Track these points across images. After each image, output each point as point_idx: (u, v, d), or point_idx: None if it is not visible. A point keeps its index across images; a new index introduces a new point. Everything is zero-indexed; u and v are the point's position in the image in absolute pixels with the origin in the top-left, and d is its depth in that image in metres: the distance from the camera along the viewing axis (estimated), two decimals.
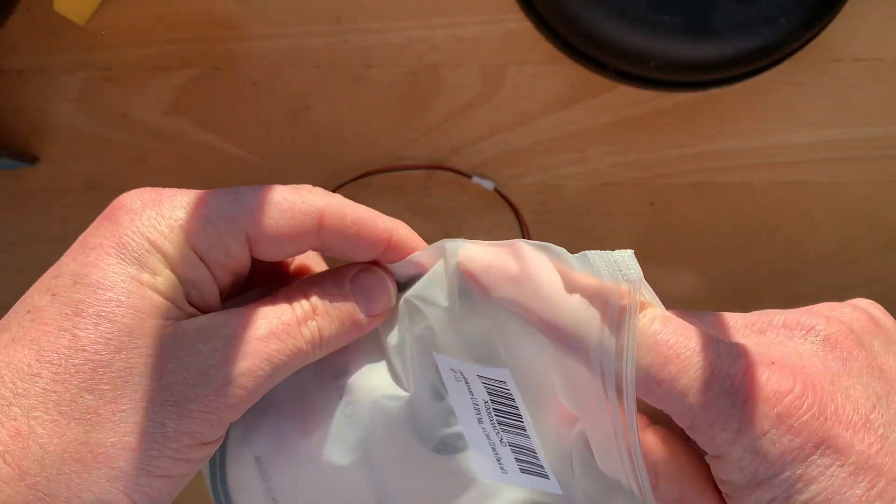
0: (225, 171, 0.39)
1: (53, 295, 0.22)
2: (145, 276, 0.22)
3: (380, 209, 0.39)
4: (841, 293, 0.39)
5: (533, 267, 0.22)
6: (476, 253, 0.23)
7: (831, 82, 0.38)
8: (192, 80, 0.38)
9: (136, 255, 0.22)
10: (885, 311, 0.25)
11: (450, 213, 0.39)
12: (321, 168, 0.39)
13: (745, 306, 0.39)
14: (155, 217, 0.23)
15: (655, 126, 0.38)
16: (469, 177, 0.38)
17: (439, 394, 0.25)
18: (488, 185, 0.38)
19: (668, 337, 0.21)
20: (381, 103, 0.38)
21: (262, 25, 0.38)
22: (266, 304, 0.24)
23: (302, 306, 0.24)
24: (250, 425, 0.25)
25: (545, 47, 0.38)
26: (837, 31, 0.37)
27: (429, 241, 0.39)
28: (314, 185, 0.39)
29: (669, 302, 0.36)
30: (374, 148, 0.39)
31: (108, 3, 0.38)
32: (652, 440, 0.23)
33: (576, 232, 0.39)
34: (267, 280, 0.27)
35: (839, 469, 0.20)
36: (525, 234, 0.39)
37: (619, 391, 0.21)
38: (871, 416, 0.20)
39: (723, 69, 0.35)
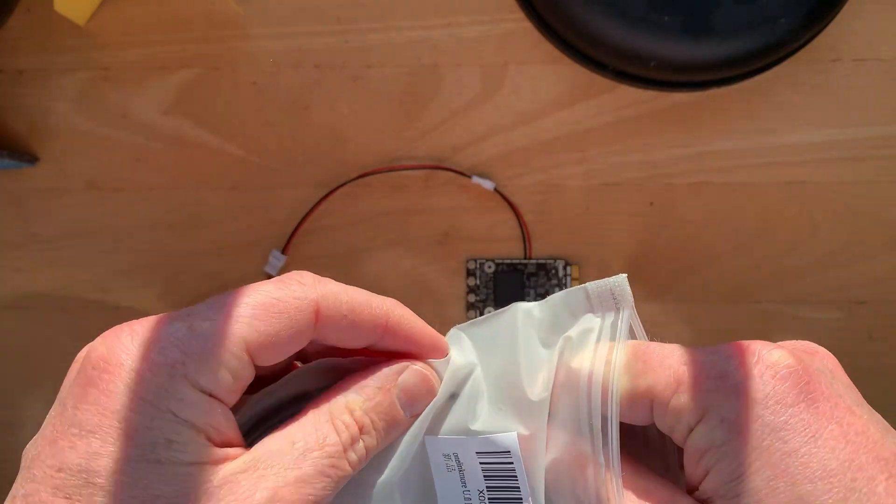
0: (225, 171, 0.39)
1: (68, 498, 0.19)
2: (164, 454, 0.19)
3: (380, 209, 0.39)
4: (841, 293, 0.39)
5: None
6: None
7: (831, 82, 0.38)
8: (192, 80, 0.38)
9: (149, 439, 0.19)
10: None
11: (450, 213, 0.39)
12: (321, 168, 0.39)
13: (745, 306, 0.39)
14: (151, 377, 0.20)
15: (655, 126, 0.38)
16: (469, 177, 0.38)
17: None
18: (488, 185, 0.38)
19: (648, 346, 0.22)
20: (381, 103, 0.38)
21: (262, 25, 0.38)
22: (304, 428, 0.21)
23: (348, 428, 0.22)
24: None
25: (545, 47, 0.38)
26: (837, 31, 0.37)
27: (428, 242, 0.40)
28: (314, 185, 0.39)
29: (670, 301, 0.37)
30: (374, 148, 0.39)
31: (108, 3, 0.38)
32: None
33: (576, 232, 0.39)
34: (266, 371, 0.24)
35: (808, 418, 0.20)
36: (525, 234, 0.39)
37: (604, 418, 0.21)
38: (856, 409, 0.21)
39: (723, 69, 0.35)
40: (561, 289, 0.38)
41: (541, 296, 0.38)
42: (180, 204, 0.39)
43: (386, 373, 0.23)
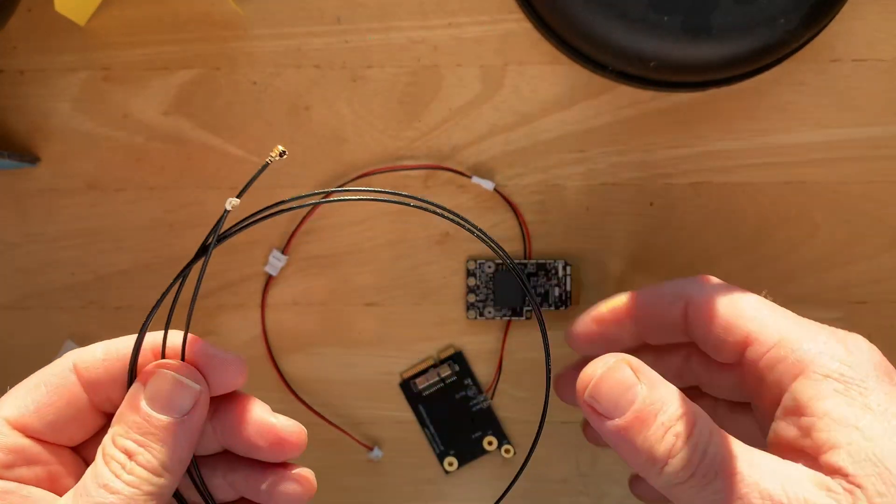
0: (225, 170, 0.39)
1: None
2: None
3: (380, 209, 0.39)
4: (841, 293, 0.39)
5: None
6: None
7: (831, 82, 0.38)
8: (193, 80, 0.39)
9: None
10: None
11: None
12: (321, 168, 0.39)
13: None
14: None
15: (655, 126, 0.38)
16: (469, 177, 0.38)
17: None
18: (488, 185, 0.38)
19: None
20: (381, 103, 0.39)
21: (262, 25, 0.38)
22: (90, 471, 0.25)
23: (115, 458, 0.24)
24: None
25: (545, 47, 0.38)
26: (837, 31, 0.37)
27: (428, 242, 0.40)
28: (314, 185, 0.39)
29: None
30: (374, 148, 0.39)
31: (109, 3, 0.38)
32: None
33: (576, 232, 0.39)
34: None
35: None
36: (525, 234, 0.39)
37: None
38: None
39: (722, 69, 0.35)
40: (561, 289, 0.38)
41: (541, 296, 0.38)
42: (180, 204, 0.39)
43: (131, 391, 0.25)
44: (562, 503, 0.39)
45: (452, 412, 0.39)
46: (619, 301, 0.31)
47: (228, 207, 0.24)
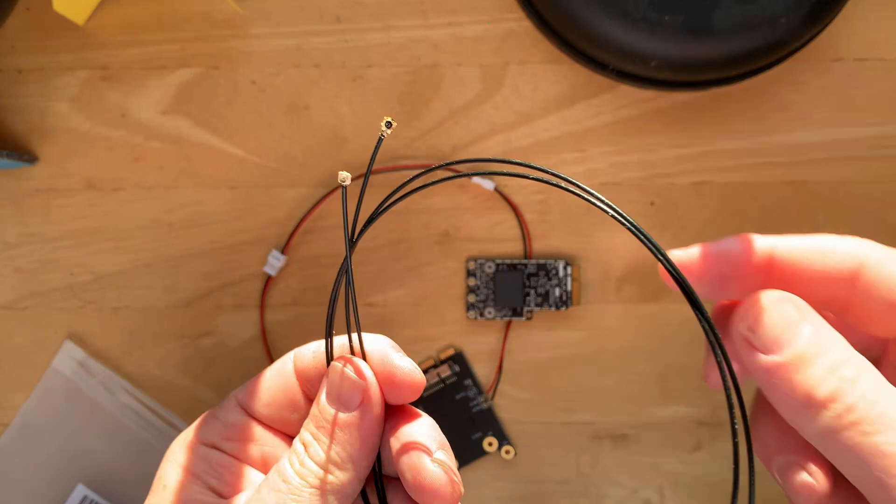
0: (224, 170, 0.39)
1: None
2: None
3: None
4: None
5: None
6: None
7: (832, 82, 0.38)
8: (192, 79, 0.38)
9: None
10: None
11: (450, 213, 0.39)
12: (321, 168, 0.39)
13: None
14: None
15: (655, 126, 0.38)
16: (469, 177, 0.38)
17: None
18: (488, 185, 0.38)
19: None
20: (381, 103, 0.38)
21: (262, 24, 0.38)
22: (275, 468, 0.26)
23: (296, 453, 0.25)
24: None
25: (545, 47, 0.38)
26: (838, 31, 0.37)
27: (428, 242, 0.39)
28: (314, 185, 0.39)
29: (670, 302, 0.36)
30: (373, 147, 0.38)
31: (108, 2, 0.38)
32: None
33: (576, 232, 0.39)
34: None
35: None
36: (525, 234, 0.39)
37: None
38: None
39: (723, 69, 0.35)
40: (561, 289, 0.38)
41: (541, 296, 0.38)
42: (179, 204, 0.39)
43: (322, 385, 0.26)
44: None
45: (452, 413, 0.39)
46: (762, 245, 0.27)
47: (346, 182, 0.23)
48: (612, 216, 0.21)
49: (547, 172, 0.22)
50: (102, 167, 0.39)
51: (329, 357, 0.26)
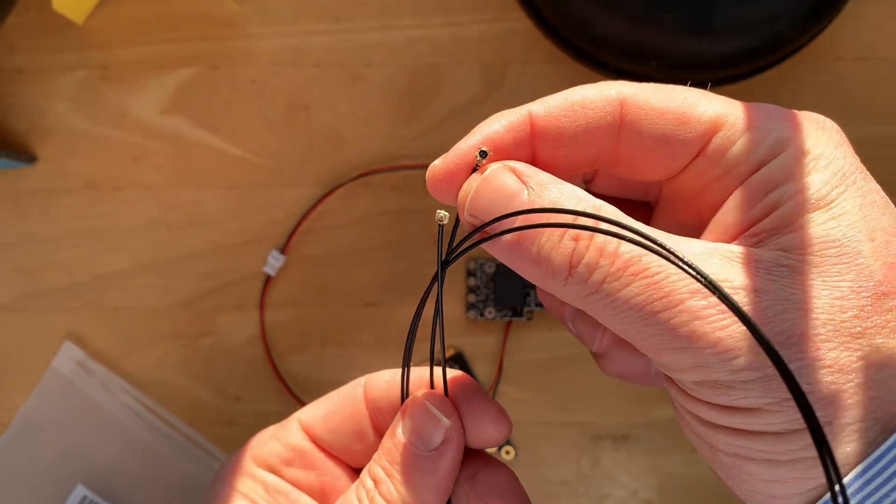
0: (224, 170, 0.39)
1: None
2: None
3: (380, 209, 0.39)
4: None
5: None
6: None
7: (833, 81, 0.38)
8: (191, 79, 0.38)
9: None
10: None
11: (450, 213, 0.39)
12: (321, 168, 0.39)
13: None
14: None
15: None
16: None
17: None
18: None
19: None
20: (381, 103, 0.38)
21: (261, 24, 0.38)
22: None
23: (365, 487, 0.24)
24: None
25: (546, 46, 0.38)
26: (839, 30, 0.37)
27: (428, 242, 0.39)
28: (313, 185, 0.39)
29: None
30: (374, 148, 0.38)
31: (107, 1, 0.38)
32: None
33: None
34: None
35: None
36: None
37: None
38: None
39: (724, 68, 0.35)
40: None
41: None
42: (179, 203, 0.39)
43: (397, 417, 0.24)
44: None
45: None
46: (518, 116, 0.23)
47: (444, 221, 0.22)
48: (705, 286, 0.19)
49: (641, 234, 0.20)
50: (102, 167, 0.39)
51: (404, 388, 0.24)
